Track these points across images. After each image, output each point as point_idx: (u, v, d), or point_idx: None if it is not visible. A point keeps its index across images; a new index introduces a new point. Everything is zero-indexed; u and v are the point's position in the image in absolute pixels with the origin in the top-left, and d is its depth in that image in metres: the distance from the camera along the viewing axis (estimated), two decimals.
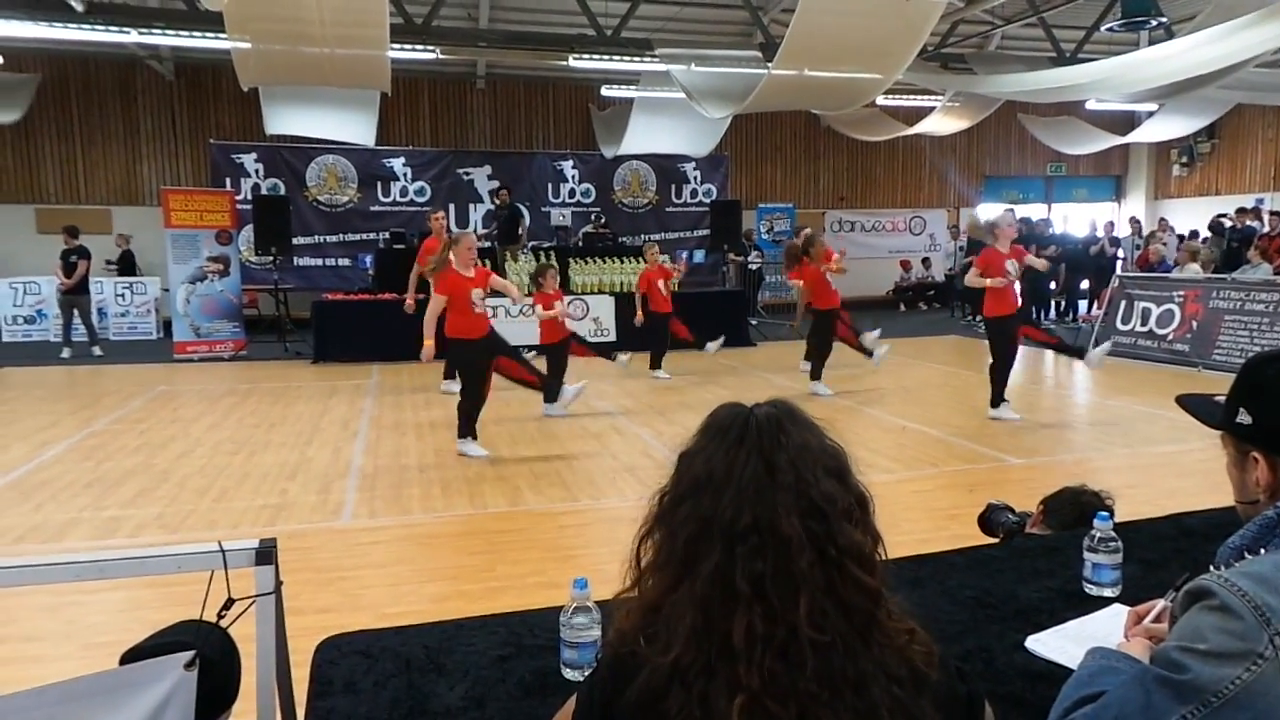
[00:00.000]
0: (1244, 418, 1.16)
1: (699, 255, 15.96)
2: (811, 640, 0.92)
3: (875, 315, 15.00)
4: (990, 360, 7.20)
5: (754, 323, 13.27)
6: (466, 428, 6.17)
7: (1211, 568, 1.05)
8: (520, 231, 12.67)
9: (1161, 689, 0.99)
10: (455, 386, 6.49)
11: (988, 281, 6.92)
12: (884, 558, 1.02)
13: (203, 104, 14.39)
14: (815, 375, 8.45)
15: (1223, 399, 1.24)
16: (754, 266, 15.20)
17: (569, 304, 10.38)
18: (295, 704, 1.66)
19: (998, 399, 7.19)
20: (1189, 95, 12.28)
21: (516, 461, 6.04)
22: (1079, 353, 7.76)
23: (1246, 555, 1.08)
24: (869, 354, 8.92)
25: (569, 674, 1.45)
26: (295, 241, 13.31)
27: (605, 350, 8.90)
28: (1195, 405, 1.31)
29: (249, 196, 13.41)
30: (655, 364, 9.62)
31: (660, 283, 9.71)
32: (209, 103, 14.37)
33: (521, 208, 13.62)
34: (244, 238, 12.81)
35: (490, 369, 6.26)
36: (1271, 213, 13.81)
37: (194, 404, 8.22)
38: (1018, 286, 7.16)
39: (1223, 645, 0.96)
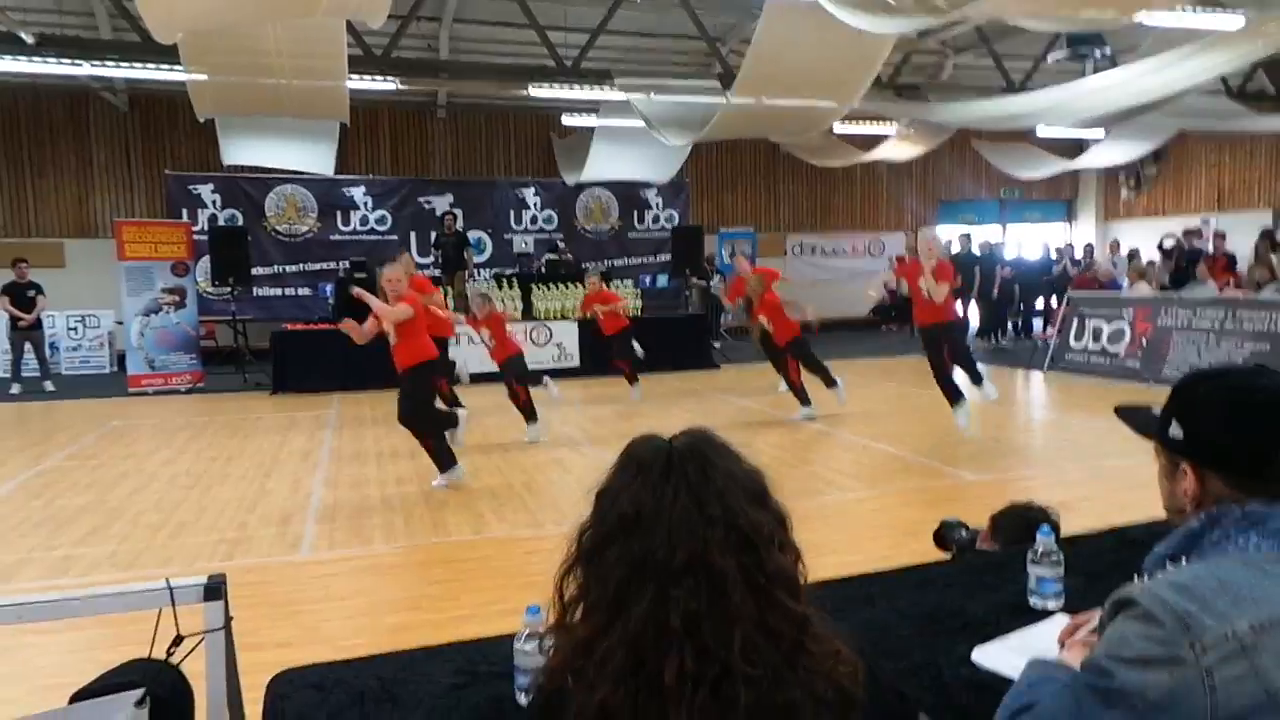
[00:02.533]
0: (1176, 431, 1.20)
1: (662, 280, 16.06)
2: (744, 675, 0.92)
3: (852, 338, 15.20)
4: None
5: (717, 345, 13.36)
6: (445, 459, 6.06)
7: (1136, 576, 1.10)
8: (466, 258, 12.69)
9: (1090, 695, 1.03)
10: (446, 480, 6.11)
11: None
12: (805, 576, 1.03)
13: (158, 135, 14.23)
14: (830, 383, 8.34)
15: (1158, 411, 1.29)
16: (717, 291, 15.33)
17: (530, 330, 10.42)
18: None
19: (950, 401, 7.24)
20: (1133, 122, 12.68)
21: (479, 488, 6.01)
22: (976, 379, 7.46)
23: (1169, 564, 1.12)
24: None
25: (523, 700, 1.45)
26: (254, 271, 13.14)
27: (534, 377, 8.31)
28: (1132, 416, 1.36)
29: (206, 227, 13.24)
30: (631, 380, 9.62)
31: (598, 307, 9.67)
32: (164, 134, 14.21)
33: (470, 236, 13.68)
34: (201, 269, 12.63)
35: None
36: (1216, 234, 14.27)
37: (148, 438, 8.06)
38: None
39: (1146, 651, 1.00)
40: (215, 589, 1.47)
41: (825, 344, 9.12)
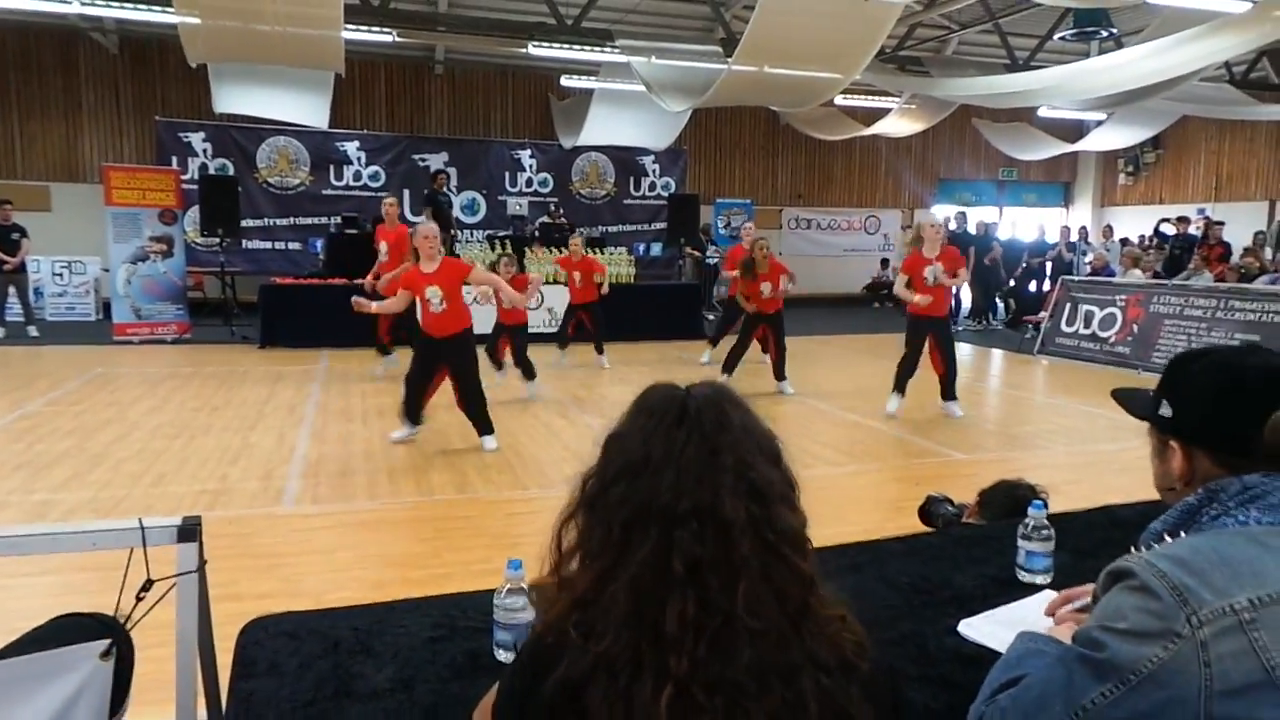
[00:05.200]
0: (1166, 410, 1.20)
1: (656, 248, 15.96)
2: (747, 629, 0.90)
3: (845, 314, 15.19)
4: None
5: (710, 317, 13.31)
6: (404, 411, 6.02)
7: (1133, 549, 1.07)
8: (451, 219, 12.58)
9: (1082, 667, 1.00)
10: (404, 433, 6.07)
11: (916, 298, 6.93)
12: (811, 544, 1.01)
13: (148, 79, 13.96)
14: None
15: (1152, 393, 1.28)
16: (712, 261, 15.25)
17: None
18: (221, 688, 1.62)
19: (895, 385, 7.20)
20: (1136, 106, 12.61)
21: (466, 449, 5.98)
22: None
23: (1167, 539, 1.10)
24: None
25: (502, 655, 1.42)
26: (244, 224, 12.98)
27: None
28: (1126, 397, 1.36)
29: (196, 176, 13.03)
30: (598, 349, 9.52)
31: (576, 274, 9.45)
32: (155, 78, 13.94)
33: (465, 197, 13.52)
34: (190, 218, 12.45)
35: (436, 375, 5.97)
36: (1212, 222, 14.26)
37: (133, 387, 7.99)
38: (965, 290, 7.22)
39: (1141, 624, 0.97)
40: (190, 530, 1.43)
41: (818, 319, 9.08)
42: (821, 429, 6.89)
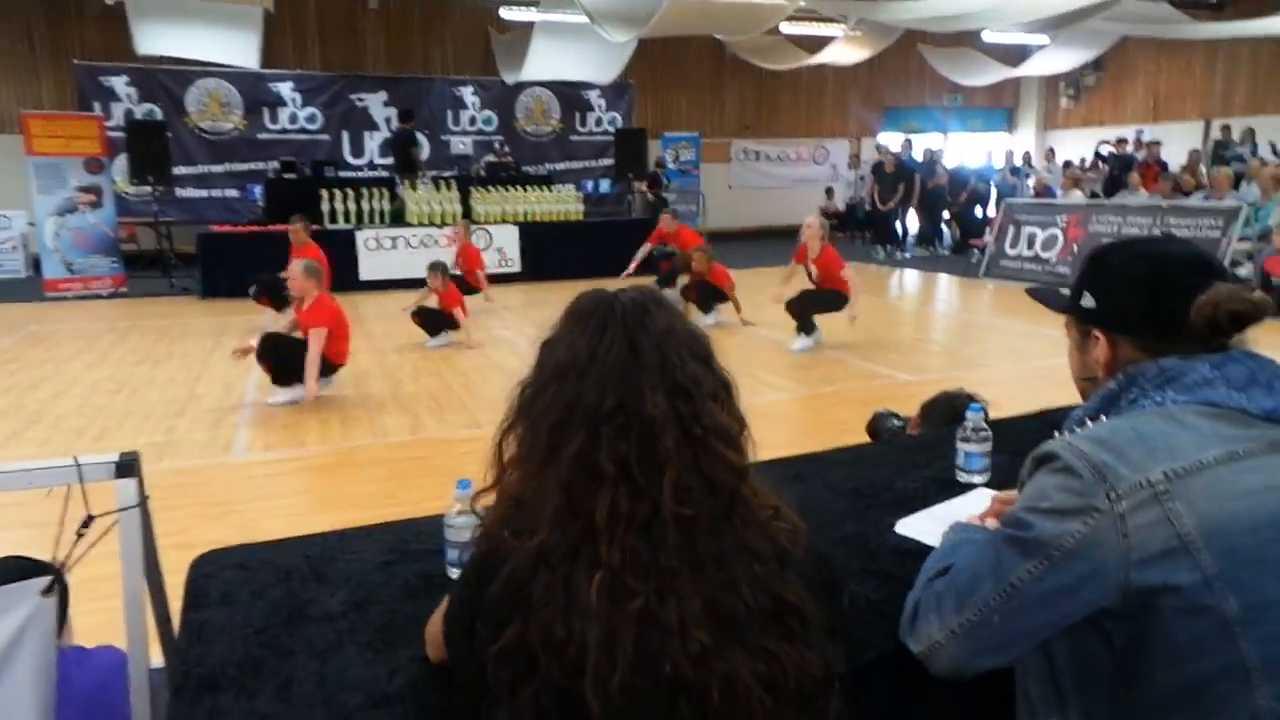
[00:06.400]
0: (1088, 301, 1.23)
1: (605, 185, 15.77)
2: (675, 515, 0.92)
3: (795, 244, 15.22)
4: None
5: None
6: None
7: (1056, 433, 1.11)
8: (414, 157, 12.26)
9: (1009, 547, 1.05)
10: (288, 396, 5.62)
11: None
12: (751, 443, 1.03)
13: (64, 21, 13.21)
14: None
15: (1067, 291, 1.31)
16: (671, 197, 15.13)
17: (471, 233, 10.13)
18: (175, 624, 1.61)
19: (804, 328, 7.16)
20: (1077, 28, 12.66)
21: (418, 391, 5.94)
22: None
23: (1089, 423, 1.14)
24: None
25: (454, 573, 1.44)
26: (176, 171, 12.50)
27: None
28: (1044, 295, 1.39)
29: (121, 122, 12.46)
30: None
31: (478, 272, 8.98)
32: (70, 19, 13.19)
33: (417, 135, 13.14)
34: (118, 167, 11.95)
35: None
36: (1150, 143, 14.50)
37: (69, 343, 7.75)
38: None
39: (1063, 502, 1.02)
40: (128, 466, 1.41)
41: (768, 251, 9.11)
42: (770, 357, 6.97)
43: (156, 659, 1.66)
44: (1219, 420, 1.04)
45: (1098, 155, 15.08)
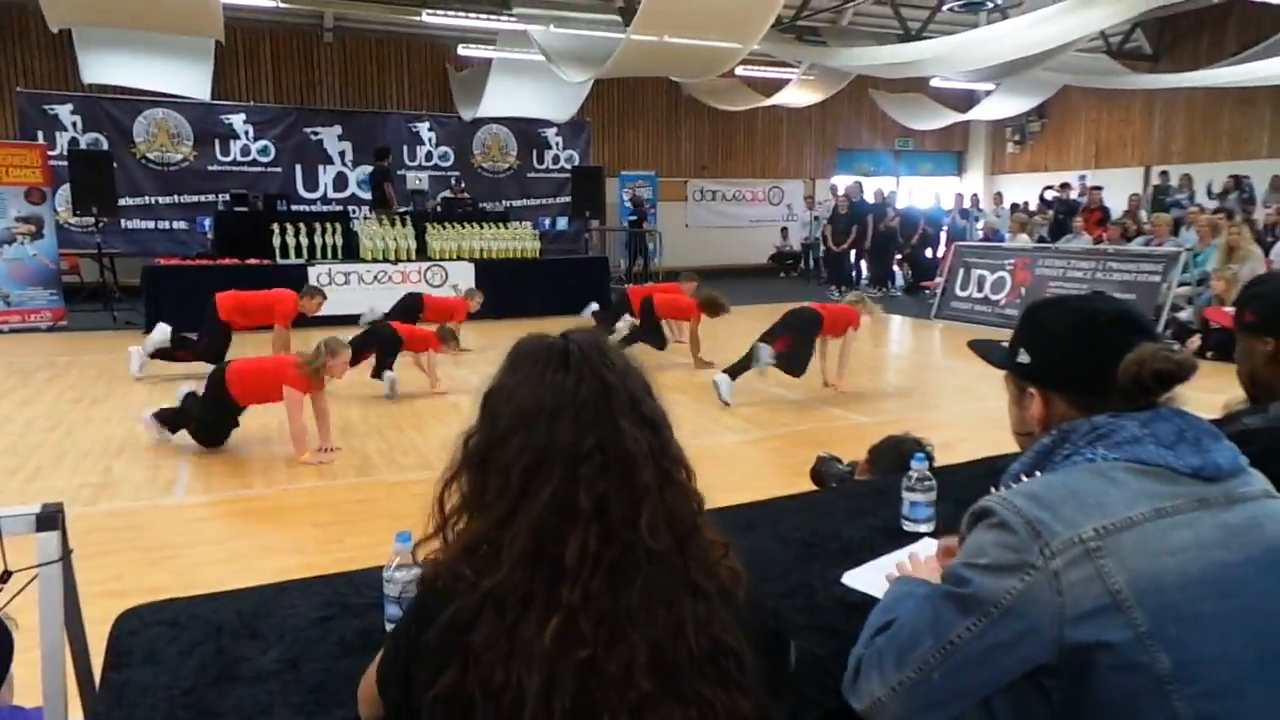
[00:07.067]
0: (1024, 357, 1.25)
1: (562, 223, 15.82)
2: (647, 550, 0.93)
3: (752, 284, 15.38)
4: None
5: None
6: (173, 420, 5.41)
7: (992, 489, 1.13)
8: (387, 195, 12.22)
9: (948, 604, 1.05)
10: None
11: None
12: (694, 474, 1.05)
13: (7, 48, 12.96)
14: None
15: (1007, 344, 1.33)
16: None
17: (425, 270, 10.08)
18: (95, 682, 1.54)
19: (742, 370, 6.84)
20: (1021, 76, 13.14)
21: (369, 434, 5.83)
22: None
23: (1024, 478, 1.15)
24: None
25: (392, 629, 1.40)
26: (122, 202, 12.26)
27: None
28: (984, 348, 1.41)
29: (65, 152, 12.20)
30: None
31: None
32: (14, 45, 12.95)
33: (360, 173, 13.14)
34: (60, 197, 11.68)
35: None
36: (1092, 188, 14.99)
37: (2, 379, 7.48)
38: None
39: (1000, 559, 1.02)
40: (50, 518, 1.34)
41: (725, 289, 9.17)
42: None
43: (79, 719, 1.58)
44: (1147, 478, 1.06)
45: (1042, 200, 15.55)
